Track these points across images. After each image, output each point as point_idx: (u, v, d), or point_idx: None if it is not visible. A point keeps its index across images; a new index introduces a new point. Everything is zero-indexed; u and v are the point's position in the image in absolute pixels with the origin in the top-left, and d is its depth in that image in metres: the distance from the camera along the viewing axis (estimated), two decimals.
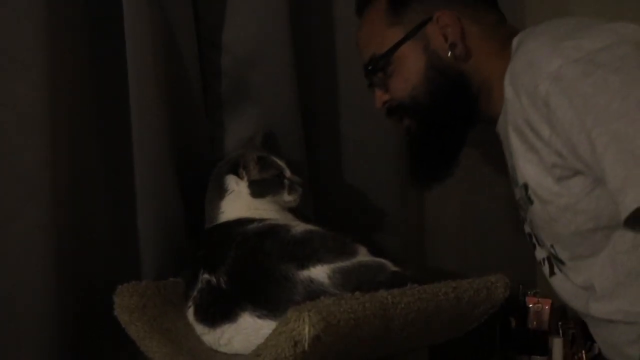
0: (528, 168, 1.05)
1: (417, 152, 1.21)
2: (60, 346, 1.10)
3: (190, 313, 1.08)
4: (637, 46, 0.94)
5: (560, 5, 1.63)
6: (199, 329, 1.06)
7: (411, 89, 1.14)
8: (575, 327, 1.32)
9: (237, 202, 1.18)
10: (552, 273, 1.14)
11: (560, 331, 1.32)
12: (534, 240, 1.17)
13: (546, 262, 1.15)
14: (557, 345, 1.32)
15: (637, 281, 0.99)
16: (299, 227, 1.10)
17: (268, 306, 0.99)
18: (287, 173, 1.21)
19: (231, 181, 1.19)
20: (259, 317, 0.99)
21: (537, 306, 1.32)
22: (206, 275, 1.06)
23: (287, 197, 1.20)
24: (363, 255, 1.06)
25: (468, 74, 1.13)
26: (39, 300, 1.07)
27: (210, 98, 1.31)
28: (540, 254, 1.17)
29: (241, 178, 1.19)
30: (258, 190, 1.18)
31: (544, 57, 0.96)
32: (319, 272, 1.00)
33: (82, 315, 1.13)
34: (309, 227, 1.11)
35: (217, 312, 1.03)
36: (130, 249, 1.17)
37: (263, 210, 1.18)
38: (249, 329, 1.00)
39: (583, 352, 1.31)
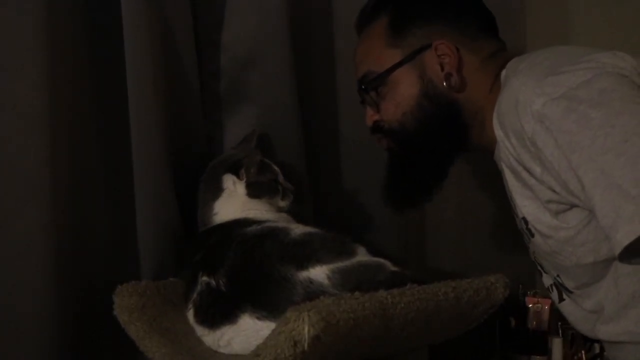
0: (525, 204, 1.05)
1: (396, 174, 1.20)
2: (60, 346, 1.09)
3: (190, 315, 1.08)
4: (617, 77, 0.94)
5: (560, 5, 1.63)
6: (199, 330, 1.06)
7: (401, 114, 1.14)
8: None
9: (232, 203, 1.18)
10: (561, 299, 1.15)
11: (560, 331, 1.32)
12: (539, 268, 1.17)
13: (554, 289, 1.15)
14: (556, 345, 1.32)
15: None
16: (298, 229, 1.10)
17: (268, 307, 0.99)
18: (281, 178, 1.22)
19: (228, 181, 1.19)
20: (258, 318, 0.99)
21: (537, 306, 1.32)
22: (205, 278, 1.06)
23: (281, 203, 1.21)
24: (362, 255, 1.06)
25: (460, 105, 1.13)
26: (39, 300, 1.07)
27: (209, 98, 1.31)
28: (547, 280, 1.17)
29: (240, 179, 1.19)
30: (256, 191, 1.19)
31: (528, 96, 0.96)
32: (319, 273, 1.00)
33: (82, 315, 1.13)
34: (308, 228, 1.11)
35: (217, 313, 1.03)
36: (130, 249, 1.17)
37: (257, 210, 1.18)
38: (249, 331, 1.00)
39: (583, 352, 1.31)
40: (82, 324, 1.13)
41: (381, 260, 1.06)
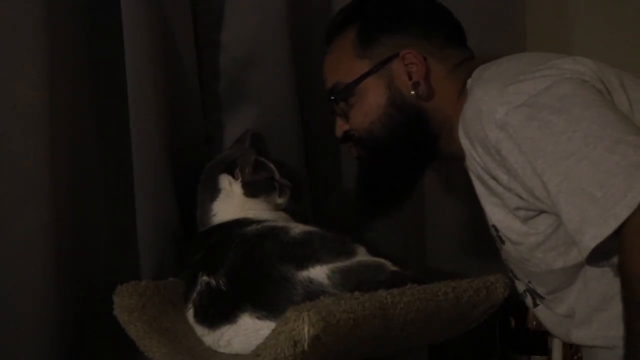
0: (494, 211, 1.06)
1: (365, 182, 1.21)
2: (60, 346, 1.10)
3: (190, 315, 1.08)
4: (577, 83, 0.95)
5: (560, 5, 1.63)
6: (199, 330, 1.06)
7: (369, 123, 1.15)
8: None
9: (230, 203, 1.18)
10: (534, 304, 1.15)
11: None
12: (511, 274, 1.18)
13: (528, 295, 1.16)
14: (556, 345, 1.32)
15: (610, 305, 0.99)
16: (298, 228, 1.10)
17: (268, 307, 0.99)
18: (277, 176, 1.22)
19: (224, 181, 1.19)
20: (258, 318, 0.99)
21: None
22: (205, 277, 1.06)
23: (278, 200, 1.21)
24: (362, 255, 1.06)
25: (429, 113, 1.13)
26: (39, 300, 1.07)
27: (209, 98, 1.31)
28: (520, 286, 1.17)
29: (236, 178, 1.19)
30: (252, 190, 1.19)
31: (490, 105, 0.97)
32: (318, 273, 1.00)
33: (82, 315, 1.13)
34: (308, 228, 1.11)
35: (217, 313, 1.03)
36: (130, 249, 1.17)
37: (256, 210, 1.18)
38: (249, 330, 1.00)
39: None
40: (82, 324, 1.13)
41: (381, 260, 1.06)
